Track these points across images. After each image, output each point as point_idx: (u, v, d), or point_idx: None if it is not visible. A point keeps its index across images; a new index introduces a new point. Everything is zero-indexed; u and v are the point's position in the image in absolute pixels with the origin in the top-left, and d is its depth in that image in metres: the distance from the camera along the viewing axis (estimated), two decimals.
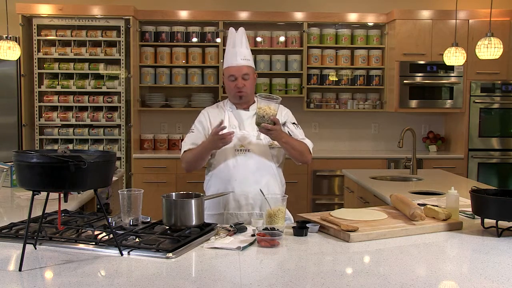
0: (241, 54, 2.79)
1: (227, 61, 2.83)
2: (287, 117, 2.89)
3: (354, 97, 6.12)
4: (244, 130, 2.80)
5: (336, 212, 2.47)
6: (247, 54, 2.82)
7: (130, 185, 5.49)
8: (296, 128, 2.89)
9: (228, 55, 2.83)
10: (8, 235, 2.11)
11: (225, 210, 2.78)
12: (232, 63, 2.80)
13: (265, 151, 2.79)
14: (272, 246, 2.05)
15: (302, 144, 2.81)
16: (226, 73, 2.83)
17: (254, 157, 2.76)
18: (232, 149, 2.76)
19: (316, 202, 5.66)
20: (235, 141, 2.76)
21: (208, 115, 2.89)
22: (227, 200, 2.76)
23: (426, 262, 1.93)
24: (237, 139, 2.77)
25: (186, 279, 1.70)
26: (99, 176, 1.86)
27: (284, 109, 2.92)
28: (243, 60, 2.79)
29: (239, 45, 2.80)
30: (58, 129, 5.67)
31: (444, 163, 5.63)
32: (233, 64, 2.79)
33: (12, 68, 5.45)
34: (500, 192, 2.40)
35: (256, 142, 2.78)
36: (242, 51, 2.80)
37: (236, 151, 2.77)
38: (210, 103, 5.86)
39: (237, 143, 2.77)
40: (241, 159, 2.75)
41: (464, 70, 5.70)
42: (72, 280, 1.66)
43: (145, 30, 5.84)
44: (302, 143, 2.82)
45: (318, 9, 5.98)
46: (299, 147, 2.78)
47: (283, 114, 2.88)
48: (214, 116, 2.85)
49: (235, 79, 2.78)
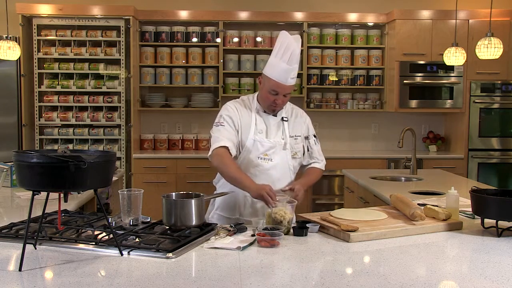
0: (291, 72, 2.57)
1: (275, 74, 2.57)
2: (308, 129, 2.82)
3: (354, 97, 6.12)
4: (270, 138, 2.69)
5: (336, 212, 2.47)
6: (296, 71, 2.62)
7: (130, 185, 5.49)
8: (316, 143, 2.83)
9: (277, 68, 2.57)
10: (8, 235, 2.11)
11: (240, 215, 2.72)
12: (281, 80, 2.56)
13: (287, 162, 2.72)
14: (272, 246, 2.05)
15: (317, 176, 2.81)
16: (270, 85, 2.59)
17: (277, 167, 2.68)
18: (255, 157, 2.66)
19: (316, 202, 5.66)
20: (260, 149, 2.66)
21: (237, 110, 2.70)
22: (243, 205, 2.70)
23: (426, 262, 1.93)
24: (262, 147, 2.67)
25: (186, 279, 1.70)
26: (99, 176, 1.86)
27: (306, 116, 2.85)
28: (293, 79, 2.60)
29: (295, 61, 2.56)
30: (58, 129, 5.67)
31: (444, 163, 5.63)
32: (281, 81, 2.56)
33: (12, 68, 5.45)
34: (500, 192, 2.40)
35: (280, 152, 2.69)
36: (294, 68, 2.58)
37: (259, 159, 2.66)
38: (210, 103, 5.91)
39: (262, 151, 2.67)
40: (263, 168, 2.66)
41: (464, 70, 5.70)
42: (72, 280, 1.66)
43: (145, 30, 5.84)
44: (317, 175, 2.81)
45: (318, 9, 5.98)
46: (316, 180, 2.82)
47: (306, 123, 2.82)
48: (243, 115, 2.70)
49: (277, 94, 2.60)
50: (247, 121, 2.69)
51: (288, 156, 2.71)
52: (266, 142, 2.67)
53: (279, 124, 2.72)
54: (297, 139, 2.76)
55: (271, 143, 2.68)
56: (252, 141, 2.67)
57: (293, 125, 2.77)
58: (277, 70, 2.57)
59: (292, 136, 2.74)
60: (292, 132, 2.75)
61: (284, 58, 2.54)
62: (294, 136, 2.75)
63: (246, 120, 2.69)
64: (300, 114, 2.85)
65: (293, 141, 2.74)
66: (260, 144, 2.67)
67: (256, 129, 2.67)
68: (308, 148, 2.79)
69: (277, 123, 2.73)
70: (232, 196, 2.67)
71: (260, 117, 2.72)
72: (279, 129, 2.71)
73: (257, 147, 2.67)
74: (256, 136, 2.67)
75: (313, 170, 2.82)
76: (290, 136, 2.72)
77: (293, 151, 2.72)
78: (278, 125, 2.72)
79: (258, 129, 2.68)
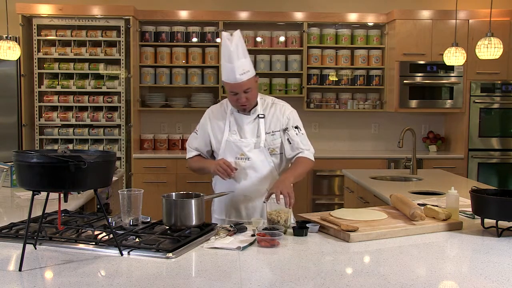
0: (239, 68, 2.55)
1: (225, 77, 2.61)
2: (288, 120, 2.74)
3: (354, 97, 6.11)
4: (244, 138, 2.71)
5: (336, 212, 2.47)
6: (245, 65, 2.58)
7: (130, 185, 5.48)
8: (298, 133, 2.75)
9: (224, 70, 2.60)
10: (8, 235, 2.11)
11: (226, 217, 2.76)
12: (230, 79, 2.57)
13: (266, 159, 2.71)
14: (272, 246, 2.05)
15: (305, 166, 2.69)
16: (227, 88, 2.64)
17: (255, 165, 2.70)
18: (232, 158, 2.70)
19: (316, 202, 5.65)
20: (235, 149, 2.70)
21: (209, 119, 2.80)
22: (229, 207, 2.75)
23: (426, 262, 1.93)
24: (236, 147, 2.70)
25: (186, 279, 1.70)
26: (99, 176, 1.86)
27: (287, 109, 2.78)
28: (242, 74, 2.56)
29: (235, 58, 2.54)
30: (58, 129, 5.66)
31: (444, 163, 5.63)
32: (230, 80, 2.58)
33: (12, 68, 5.45)
34: (500, 192, 2.40)
35: (256, 150, 2.69)
36: (240, 64, 2.55)
37: (236, 159, 2.70)
38: (210, 103, 5.88)
39: (237, 151, 2.70)
40: (241, 168, 2.68)
41: (464, 70, 5.70)
42: (72, 280, 1.66)
43: (145, 30, 5.84)
44: (303, 164, 2.69)
45: (318, 9, 5.98)
46: (304, 170, 2.70)
47: (285, 116, 2.74)
48: (216, 119, 2.78)
49: (236, 94, 2.61)
50: (221, 125, 2.75)
51: (265, 153, 2.71)
52: (239, 142, 2.70)
53: (254, 122, 2.72)
54: (274, 135, 2.72)
55: (244, 143, 2.70)
56: (226, 141, 2.71)
57: (270, 121, 2.73)
58: (225, 72, 2.61)
59: (269, 133, 2.71)
60: (268, 129, 2.72)
61: (225, 59, 2.57)
62: (271, 132, 2.72)
63: (219, 124, 2.76)
64: (280, 108, 2.77)
65: (270, 137, 2.71)
66: (234, 144, 2.70)
67: (230, 130, 2.72)
68: (290, 141, 2.72)
69: (252, 122, 2.73)
70: (229, 197, 2.71)
71: (233, 118, 2.74)
72: (253, 127, 2.71)
73: (232, 148, 2.70)
74: (230, 137, 2.71)
75: (298, 160, 2.72)
76: (266, 133, 2.70)
77: (270, 147, 2.70)
78: (253, 123, 2.72)
79: (232, 130, 2.72)
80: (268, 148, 2.71)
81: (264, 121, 2.72)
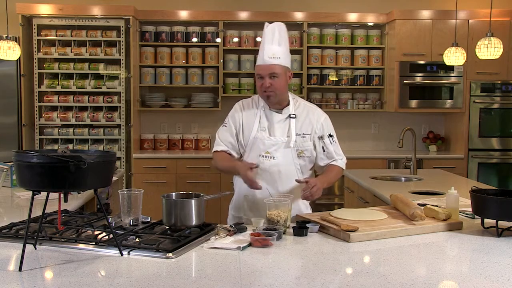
0: (269, 52, 2.60)
1: (257, 61, 2.67)
2: (323, 129, 2.73)
3: (354, 97, 6.12)
4: (273, 136, 2.66)
5: (336, 212, 2.47)
6: (277, 51, 2.61)
7: (130, 185, 5.48)
8: (332, 142, 2.74)
9: (259, 54, 2.66)
10: (8, 235, 2.11)
11: (244, 215, 2.72)
12: (259, 61, 2.64)
13: (292, 160, 2.67)
14: (264, 246, 2.04)
15: (336, 174, 2.73)
16: (256, 71, 2.67)
17: (279, 165, 2.65)
18: (256, 155, 2.65)
19: (316, 202, 5.62)
20: (261, 147, 2.65)
21: (241, 111, 2.75)
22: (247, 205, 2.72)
23: (426, 262, 1.93)
24: (263, 145, 2.65)
25: (186, 279, 1.70)
26: (99, 176, 1.86)
27: (321, 115, 2.77)
28: (272, 58, 2.59)
29: (269, 41, 2.61)
30: (58, 129, 5.66)
31: (444, 163, 5.63)
32: (259, 62, 2.63)
33: (12, 68, 5.45)
34: (500, 192, 2.40)
35: (283, 150, 2.65)
36: (272, 48, 2.60)
37: (261, 157, 2.64)
38: (210, 103, 5.91)
39: (263, 149, 2.65)
40: (265, 166, 2.63)
41: (464, 70, 5.70)
42: (72, 280, 1.66)
43: (145, 30, 5.84)
44: (336, 172, 2.72)
45: (318, 9, 5.98)
46: (336, 178, 2.75)
47: (319, 123, 2.72)
48: (247, 114, 2.73)
49: (262, 78, 2.61)
50: (251, 119, 2.70)
51: (293, 154, 2.67)
52: (267, 140, 2.66)
53: (285, 121, 2.69)
54: (305, 137, 2.69)
55: (273, 141, 2.66)
56: (254, 138, 2.67)
57: (302, 123, 2.70)
58: (259, 56, 2.66)
59: (299, 134, 2.68)
60: (299, 130, 2.69)
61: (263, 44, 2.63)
62: (302, 134, 2.69)
63: (250, 118, 2.71)
64: (313, 112, 2.77)
65: (300, 139, 2.68)
66: (261, 141, 2.65)
67: (259, 126, 2.68)
68: (324, 149, 2.72)
69: (283, 121, 2.69)
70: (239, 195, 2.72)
71: (264, 114, 2.71)
72: (284, 126, 2.68)
73: (258, 145, 2.66)
74: (258, 134, 2.67)
75: (331, 167, 2.74)
76: (297, 134, 2.67)
77: (299, 149, 2.67)
78: (284, 123, 2.69)
79: (261, 127, 2.68)
80: (297, 149, 2.67)
81: (296, 122, 2.70)
